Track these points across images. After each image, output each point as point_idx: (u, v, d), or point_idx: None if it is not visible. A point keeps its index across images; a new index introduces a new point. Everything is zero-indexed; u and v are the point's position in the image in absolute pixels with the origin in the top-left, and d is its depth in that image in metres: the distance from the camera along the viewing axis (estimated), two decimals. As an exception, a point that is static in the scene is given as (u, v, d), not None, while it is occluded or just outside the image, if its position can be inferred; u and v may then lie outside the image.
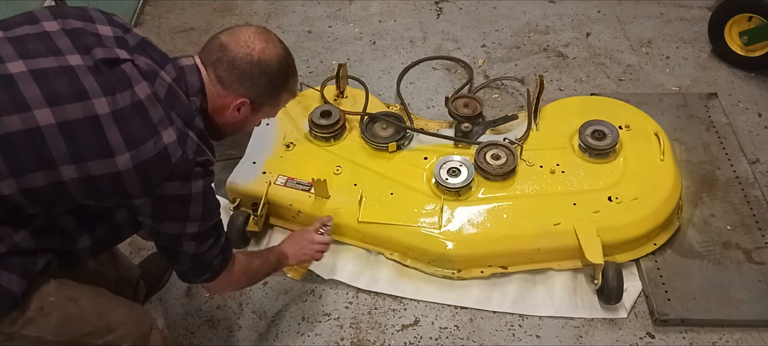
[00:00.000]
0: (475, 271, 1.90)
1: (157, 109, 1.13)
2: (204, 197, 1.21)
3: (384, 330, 1.83)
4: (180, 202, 1.18)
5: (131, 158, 1.09)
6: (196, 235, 1.23)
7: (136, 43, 1.20)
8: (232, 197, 2.04)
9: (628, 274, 1.88)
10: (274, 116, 1.42)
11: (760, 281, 1.84)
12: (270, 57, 1.27)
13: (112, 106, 1.08)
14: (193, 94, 1.23)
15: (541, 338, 1.79)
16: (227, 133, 1.37)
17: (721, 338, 1.77)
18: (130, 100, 1.10)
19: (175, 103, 1.17)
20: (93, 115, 1.07)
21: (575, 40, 2.86)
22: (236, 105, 1.28)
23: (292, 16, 3.08)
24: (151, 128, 1.11)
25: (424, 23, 2.99)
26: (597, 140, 2.01)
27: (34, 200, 1.09)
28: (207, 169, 1.21)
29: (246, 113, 1.32)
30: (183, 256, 1.27)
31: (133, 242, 2.06)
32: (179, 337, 1.83)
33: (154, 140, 1.10)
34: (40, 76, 1.06)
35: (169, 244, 1.25)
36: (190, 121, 1.19)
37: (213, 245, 1.30)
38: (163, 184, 1.13)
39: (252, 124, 1.40)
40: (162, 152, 1.11)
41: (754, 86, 2.56)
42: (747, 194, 2.08)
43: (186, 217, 1.20)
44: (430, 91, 2.61)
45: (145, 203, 1.15)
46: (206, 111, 1.27)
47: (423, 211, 1.91)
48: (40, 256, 1.15)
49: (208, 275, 1.35)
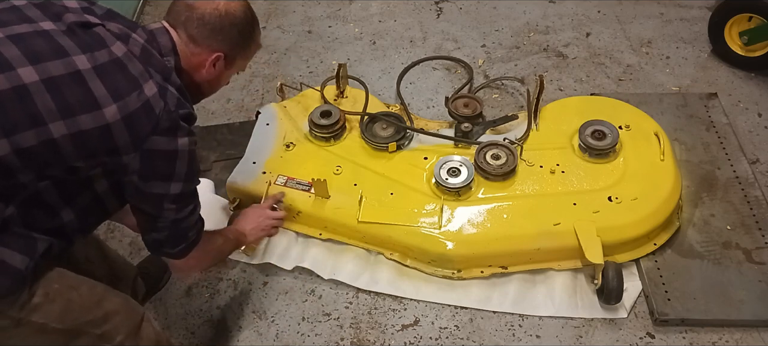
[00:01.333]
0: (475, 271, 1.90)
1: (135, 64, 1.17)
2: (189, 156, 1.24)
3: (384, 330, 1.83)
4: (167, 158, 1.21)
5: (118, 110, 1.12)
6: (178, 196, 1.26)
7: (103, 13, 1.25)
8: (232, 197, 2.04)
9: (628, 274, 1.88)
10: (243, 69, 1.48)
11: (760, 281, 1.84)
12: (235, 9, 1.34)
13: (92, 62, 1.12)
14: (166, 54, 1.28)
15: (541, 338, 1.79)
16: (205, 91, 1.42)
17: (721, 338, 1.77)
18: (109, 57, 1.14)
19: (151, 60, 1.21)
20: (75, 70, 1.10)
21: (575, 40, 2.86)
22: (212, 60, 1.34)
23: (292, 16, 3.08)
24: (133, 81, 1.15)
25: (424, 23, 3.00)
26: (597, 140, 2.01)
27: (26, 162, 1.10)
28: (190, 125, 1.24)
29: (221, 68, 1.38)
30: (162, 221, 1.30)
31: (133, 242, 2.06)
32: (179, 337, 1.83)
33: (137, 92, 1.14)
34: (17, 39, 1.09)
35: (151, 208, 1.28)
36: (168, 76, 1.23)
37: (191, 212, 1.34)
38: (151, 137, 1.16)
39: (225, 80, 1.45)
40: (146, 104, 1.15)
41: (754, 86, 2.56)
42: (747, 194, 2.08)
43: (171, 175, 1.23)
44: (430, 91, 2.61)
45: (133, 158, 1.17)
46: (181, 71, 1.31)
47: (423, 211, 1.91)
48: (37, 237, 1.18)
49: (182, 246, 1.38)
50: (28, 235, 1.17)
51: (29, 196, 1.18)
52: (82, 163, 1.17)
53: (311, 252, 1.98)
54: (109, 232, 2.11)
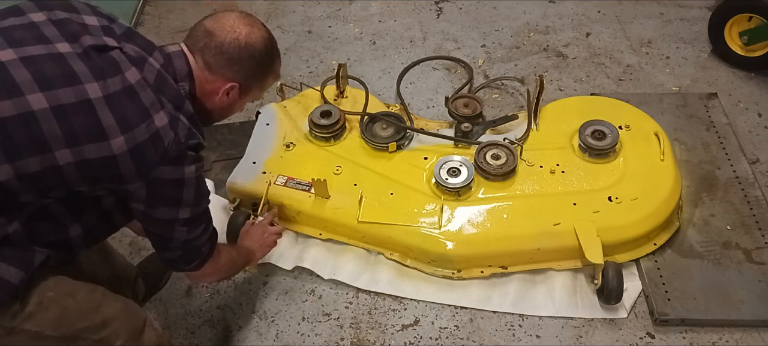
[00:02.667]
0: (475, 271, 1.90)
1: (147, 93, 1.14)
2: (196, 182, 1.22)
3: (384, 330, 1.83)
4: (173, 186, 1.19)
5: (125, 141, 1.10)
6: (188, 220, 1.25)
7: (122, 32, 1.22)
8: (232, 197, 2.04)
9: (628, 274, 1.88)
10: (259, 98, 1.45)
11: (760, 281, 1.84)
12: (256, 40, 1.31)
13: (103, 91, 1.09)
14: (181, 79, 1.25)
15: (541, 338, 1.79)
16: (215, 117, 1.41)
17: (721, 338, 1.77)
18: (121, 85, 1.11)
19: (164, 88, 1.19)
20: (85, 99, 1.08)
21: (575, 40, 2.86)
22: (225, 89, 1.32)
23: (292, 16, 3.08)
24: (143, 111, 1.12)
25: (424, 23, 2.99)
26: (597, 140, 2.01)
27: (29, 186, 1.09)
28: (198, 153, 1.23)
29: (234, 97, 1.36)
30: (174, 243, 1.28)
31: (133, 242, 2.06)
32: (179, 337, 1.83)
33: (146, 123, 1.12)
34: (30, 62, 1.07)
35: (162, 231, 1.27)
36: (180, 105, 1.20)
37: (203, 231, 1.33)
38: (157, 167, 1.14)
39: (239, 108, 1.43)
40: (155, 135, 1.12)
41: (754, 86, 2.56)
42: (747, 194, 2.07)
43: (179, 201, 1.21)
44: (430, 91, 2.61)
45: (139, 187, 1.16)
46: (194, 96, 1.29)
47: (423, 211, 1.91)
48: (36, 250, 1.16)
49: (197, 262, 1.38)
50: (27, 249, 1.14)
51: (34, 212, 1.16)
52: (86, 188, 1.16)
53: (311, 252, 1.98)
54: (109, 232, 2.10)
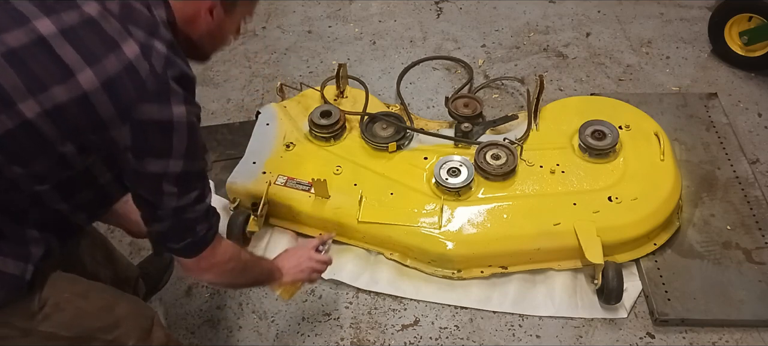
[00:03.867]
0: (475, 271, 1.90)
1: (111, 23, 1.01)
2: (188, 128, 1.08)
3: (384, 330, 1.83)
4: (161, 130, 1.05)
5: (95, 74, 0.98)
6: (178, 177, 1.10)
7: None
8: (232, 197, 2.04)
9: (628, 274, 1.88)
10: (250, 15, 1.28)
11: (760, 281, 1.84)
12: None
13: (58, 25, 0.98)
14: (154, 6, 1.09)
15: (541, 338, 1.79)
16: (207, 48, 1.25)
17: (721, 338, 1.77)
18: (79, 18, 1.00)
19: (132, 16, 1.05)
20: (38, 37, 0.96)
21: (575, 40, 2.86)
22: (207, 8, 1.16)
23: (292, 16, 3.08)
24: (110, 41, 1.00)
25: (424, 23, 2.99)
26: (597, 140, 2.01)
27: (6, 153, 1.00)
28: (187, 89, 1.08)
29: (220, 16, 1.19)
30: (162, 209, 1.13)
31: (133, 242, 2.06)
32: (179, 337, 1.83)
33: (115, 54, 0.99)
34: None
35: (150, 192, 1.12)
36: (153, 31, 1.05)
37: (196, 200, 1.16)
38: (139, 105, 1.01)
39: (229, 30, 1.26)
40: (128, 66, 0.99)
41: (754, 86, 2.56)
42: (747, 194, 2.08)
43: (169, 150, 1.07)
44: (430, 91, 2.61)
45: (123, 132, 1.03)
46: (176, 26, 1.13)
47: (423, 211, 1.91)
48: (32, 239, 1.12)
49: (188, 242, 1.19)
50: (21, 238, 1.10)
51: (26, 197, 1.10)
52: (70, 145, 1.03)
53: (311, 252, 1.98)
54: (109, 231, 2.10)
